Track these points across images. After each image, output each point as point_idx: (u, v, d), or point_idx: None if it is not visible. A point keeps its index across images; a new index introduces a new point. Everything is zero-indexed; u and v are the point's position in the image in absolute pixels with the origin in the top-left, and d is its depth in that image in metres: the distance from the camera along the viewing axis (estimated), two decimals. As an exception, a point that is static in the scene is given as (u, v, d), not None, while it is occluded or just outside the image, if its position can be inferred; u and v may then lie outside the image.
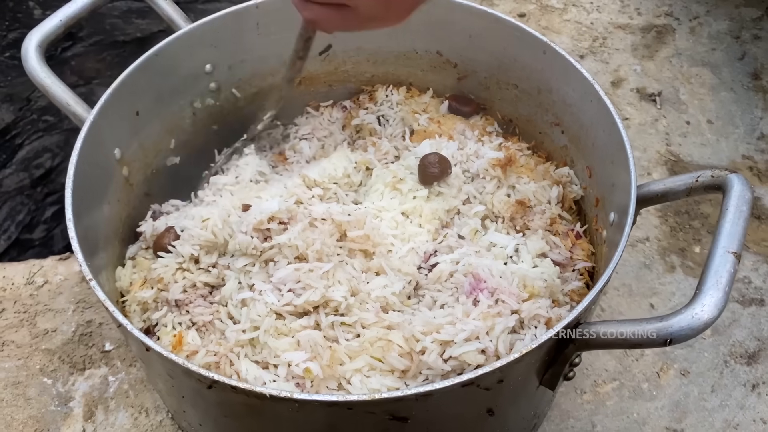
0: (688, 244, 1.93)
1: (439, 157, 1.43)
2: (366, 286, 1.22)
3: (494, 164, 1.46)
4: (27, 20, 2.89)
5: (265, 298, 1.17)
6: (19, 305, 1.79)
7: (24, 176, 2.95)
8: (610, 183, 1.35)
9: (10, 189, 2.88)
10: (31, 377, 1.67)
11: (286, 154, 1.62)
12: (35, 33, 1.34)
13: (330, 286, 1.18)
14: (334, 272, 1.20)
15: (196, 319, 1.22)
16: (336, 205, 1.34)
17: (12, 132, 2.90)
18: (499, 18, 1.53)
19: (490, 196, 1.43)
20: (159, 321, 1.25)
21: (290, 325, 1.16)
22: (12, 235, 2.91)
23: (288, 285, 1.18)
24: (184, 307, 1.24)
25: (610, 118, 1.32)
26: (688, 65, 2.37)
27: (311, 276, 1.18)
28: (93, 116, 1.33)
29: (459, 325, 1.11)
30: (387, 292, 1.20)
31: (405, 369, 1.09)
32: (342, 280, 1.19)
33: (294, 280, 1.18)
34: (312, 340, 1.11)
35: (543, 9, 2.56)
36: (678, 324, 0.95)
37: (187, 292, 1.26)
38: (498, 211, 1.41)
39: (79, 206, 1.22)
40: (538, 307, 1.18)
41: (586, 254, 1.39)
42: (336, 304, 1.17)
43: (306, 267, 1.19)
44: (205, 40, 1.54)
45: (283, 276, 1.18)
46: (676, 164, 2.11)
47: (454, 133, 1.62)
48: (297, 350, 1.11)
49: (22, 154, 2.95)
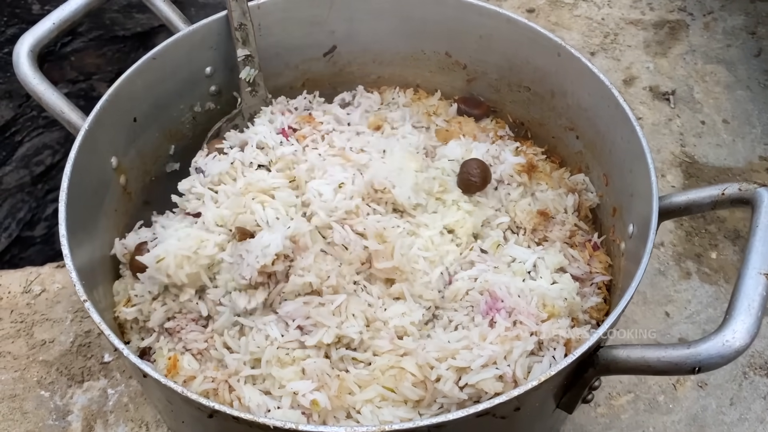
0: (704, 249, 1.87)
1: (481, 166, 1.36)
2: (383, 313, 1.15)
3: (519, 170, 1.40)
4: (25, 15, 2.83)
5: (268, 330, 1.11)
6: (15, 315, 1.74)
7: (24, 173, 2.90)
8: (628, 193, 1.29)
9: (10, 186, 2.84)
10: (28, 390, 1.62)
11: (313, 114, 1.51)
12: (27, 37, 1.28)
13: (343, 322, 1.12)
14: (347, 305, 1.13)
15: (190, 346, 1.16)
16: (360, 222, 1.23)
17: (12, 129, 2.85)
18: (511, 18, 1.46)
19: (513, 204, 1.37)
20: (152, 346, 1.20)
21: (293, 354, 1.10)
22: (13, 233, 2.87)
23: (297, 321, 1.11)
24: (175, 335, 1.18)
25: (629, 125, 1.26)
26: (703, 62, 2.30)
27: (322, 312, 1.11)
28: (88, 124, 1.27)
29: (476, 350, 1.05)
30: (406, 321, 1.13)
31: (419, 399, 1.04)
32: (357, 312, 1.13)
33: (303, 315, 1.11)
34: (319, 369, 1.05)
35: (553, 4, 2.49)
36: (707, 351, 0.90)
37: (176, 318, 1.20)
38: (520, 222, 1.35)
39: (74, 220, 1.17)
40: (558, 328, 1.13)
41: (604, 267, 1.34)
42: (349, 340, 1.11)
43: (316, 300, 1.12)
44: (205, 43, 1.48)
45: (291, 310, 1.11)
46: (690, 166, 2.05)
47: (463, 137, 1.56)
48: (303, 379, 1.05)
49: (23, 151, 2.91)
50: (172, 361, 1.14)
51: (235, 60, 1.53)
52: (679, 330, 1.73)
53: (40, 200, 2.94)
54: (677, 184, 2.00)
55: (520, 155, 1.46)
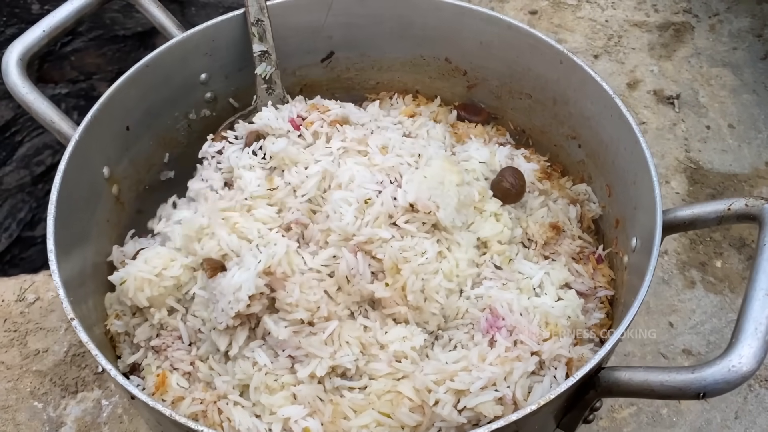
0: (708, 258, 1.84)
1: (518, 174, 1.31)
2: (383, 336, 1.10)
3: (540, 176, 1.37)
4: (25, 15, 2.82)
5: (256, 357, 1.07)
6: (9, 323, 1.72)
7: (25, 173, 2.89)
8: (631, 205, 1.26)
9: (10, 186, 2.82)
10: (21, 401, 1.60)
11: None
12: (16, 45, 1.25)
13: (337, 351, 1.07)
14: (341, 331, 1.09)
15: (177, 366, 1.13)
16: (379, 248, 1.13)
17: (12, 129, 2.84)
18: (512, 25, 1.43)
19: (527, 215, 1.33)
20: (141, 363, 1.17)
21: (282, 380, 1.06)
22: (13, 233, 2.86)
23: (287, 351, 1.07)
24: (162, 352, 1.15)
25: (633, 136, 1.23)
26: (708, 66, 2.27)
27: (313, 342, 1.06)
28: (79, 134, 1.24)
29: (475, 372, 1.02)
30: (406, 346, 1.08)
31: (416, 425, 1.01)
32: (351, 339, 1.08)
33: (293, 346, 1.07)
34: (311, 395, 1.02)
35: (556, 6, 2.45)
36: (713, 376, 0.87)
37: (161, 336, 1.17)
38: (532, 235, 1.31)
39: (63, 233, 1.14)
40: (560, 347, 1.09)
41: (607, 281, 1.30)
42: (344, 369, 1.07)
43: (306, 329, 1.07)
44: (199, 49, 1.45)
45: (279, 342, 1.07)
46: (695, 172, 2.02)
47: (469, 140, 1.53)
48: (294, 404, 1.02)
49: (23, 152, 2.89)
50: (161, 378, 1.11)
51: (230, 67, 1.50)
52: (683, 341, 1.70)
53: (40, 200, 2.92)
54: (681, 190, 1.97)
55: (532, 162, 1.43)
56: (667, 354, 1.68)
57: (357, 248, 1.12)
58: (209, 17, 1.46)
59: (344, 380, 1.07)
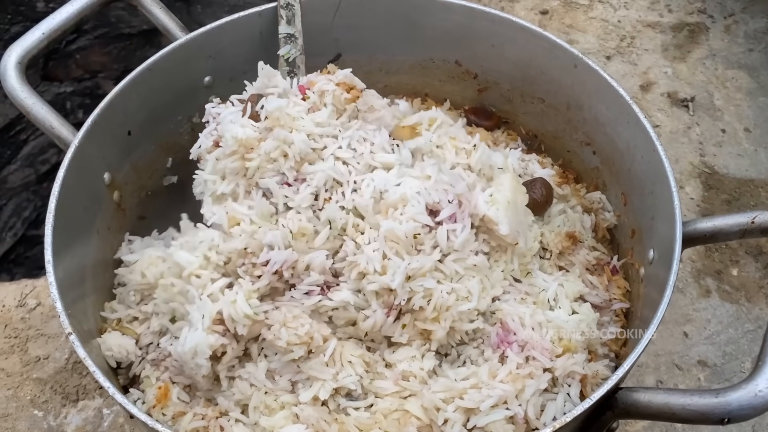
0: (724, 266, 1.79)
1: (546, 185, 1.27)
2: (390, 355, 1.06)
3: (559, 182, 1.33)
4: (30, 13, 2.80)
5: (252, 380, 1.03)
6: (9, 329, 1.69)
7: (29, 172, 2.86)
8: (648, 215, 1.22)
9: (15, 185, 2.80)
10: (21, 409, 1.57)
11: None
12: (15, 48, 1.22)
13: (339, 372, 1.02)
14: (342, 351, 1.04)
15: (176, 379, 1.10)
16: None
17: (16, 128, 2.81)
18: (525, 27, 1.39)
19: (543, 224, 1.29)
20: (141, 374, 1.14)
21: (282, 399, 1.02)
22: (18, 232, 2.83)
23: (285, 377, 1.03)
24: (161, 364, 1.12)
25: (650, 144, 1.19)
26: (723, 67, 2.22)
27: (313, 365, 1.01)
28: (79, 140, 1.21)
29: (485, 390, 0.98)
30: (415, 367, 1.04)
31: (424, 444, 0.97)
32: (353, 359, 1.03)
33: (292, 371, 1.02)
34: (314, 416, 0.98)
35: (567, 5, 2.41)
36: (738, 401, 0.83)
37: (159, 348, 1.14)
38: (547, 244, 1.26)
39: (61, 244, 1.11)
40: (574, 363, 1.05)
41: (623, 293, 1.26)
42: (348, 390, 1.03)
43: (302, 352, 1.01)
44: (203, 52, 1.41)
45: (277, 367, 1.03)
46: (710, 177, 1.97)
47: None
48: (296, 423, 0.98)
49: (27, 150, 2.86)
50: (163, 391, 1.08)
51: (235, 70, 1.46)
52: (698, 351, 1.66)
53: (45, 199, 2.88)
54: (696, 196, 1.93)
55: (547, 168, 1.39)
56: (682, 365, 1.64)
57: (394, 308, 1.04)
58: (215, 15, 1.42)
59: (349, 401, 1.03)
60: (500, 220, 1.10)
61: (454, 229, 1.06)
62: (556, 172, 1.39)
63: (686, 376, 1.63)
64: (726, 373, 1.62)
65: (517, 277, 1.18)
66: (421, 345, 1.07)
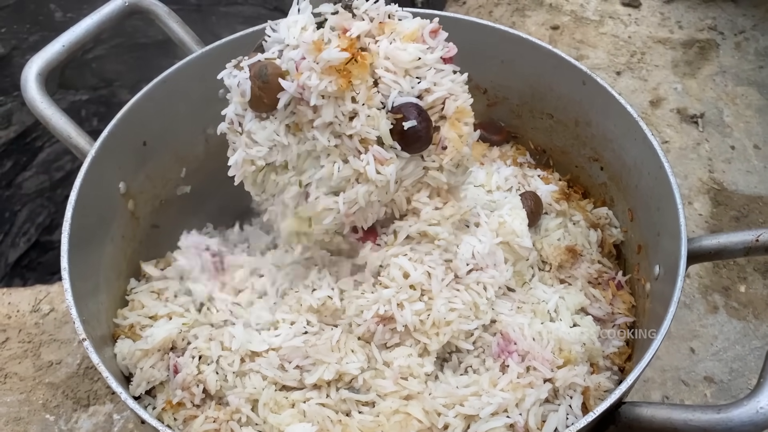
0: (732, 282, 1.79)
1: (535, 199, 1.30)
2: (387, 354, 1.09)
3: (558, 197, 1.35)
4: (48, 23, 2.84)
5: (265, 370, 1.07)
6: (23, 334, 1.72)
7: (44, 179, 2.90)
8: (654, 231, 1.23)
9: (30, 191, 2.84)
10: (33, 413, 1.60)
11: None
12: (36, 60, 1.25)
13: (343, 357, 1.07)
14: (346, 340, 1.09)
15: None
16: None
17: (32, 135, 2.85)
18: (535, 44, 1.41)
19: (542, 237, 1.31)
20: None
21: (292, 396, 1.06)
22: (32, 237, 2.87)
23: (295, 362, 1.07)
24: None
25: (657, 161, 1.20)
26: (734, 84, 2.22)
27: (320, 348, 1.06)
28: (96, 150, 1.24)
29: (485, 397, 1.00)
30: (413, 363, 1.07)
31: (425, 447, 0.99)
32: (356, 348, 1.08)
33: (301, 355, 1.07)
34: (320, 414, 1.00)
35: (578, 21, 2.43)
36: (739, 418, 0.84)
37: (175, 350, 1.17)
38: (547, 257, 1.29)
39: (76, 252, 1.13)
40: (575, 375, 1.07)
41: (627, 307, 1.27)
42: (351, 377, 1.06)
43: (312, 339, 1.07)
44: (218, 65, 1.44)
45: (287, 353, 1.07)
46: (719, 193, 1.97)
47: (485, 161, 1.51)
48: (302, 422, 1.01)
49: (42, 157, 2.91)
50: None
51: (249, 82, 1.49)
52: (705, 368, 1.66)
53: (59, 205, 2.93)
54: (705, 212, 1.93)
55: (551, 183, 1.41)
56: (688, 381, 1.64)
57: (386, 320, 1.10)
58: (230, 26, 1.45)
59: (352, 392, 1.06)
60: (524, 233, 1.16)
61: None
62: (560, 188, 1.40)
63: (692, 392, 1.63)
64: (733, 389, 1.62)
65: (511, 286, 1.20)
66: (416, 344, 1.10)
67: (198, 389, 1.11)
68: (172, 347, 1.19)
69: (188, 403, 1.11)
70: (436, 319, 1.08)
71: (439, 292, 1.09)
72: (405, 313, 1.07)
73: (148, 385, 1.16)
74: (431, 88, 1.04)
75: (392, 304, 1.07)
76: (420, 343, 1.10)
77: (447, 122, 1.07)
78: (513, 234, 1.18)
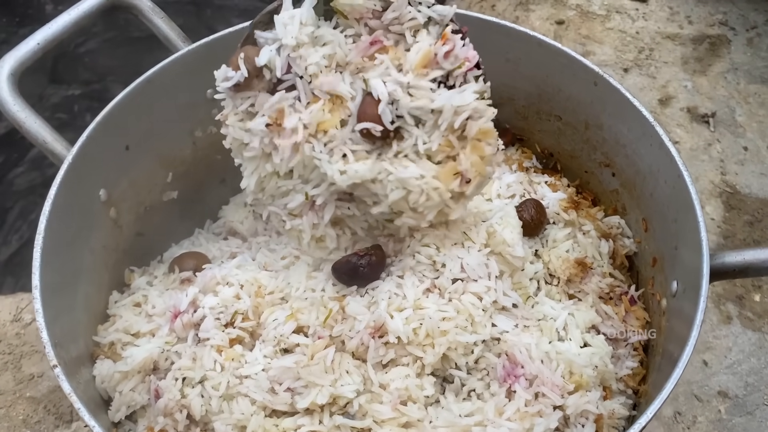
0: (746, 291, 1.72)
1: (538, 207, 1.24)
2: (383, 376, 1.02)
3: (566, 206, 1.27)
4: (38, 15, 2.78)
5: (253, 394, 1.00)
6: (4, 345, 1.64)
7: (36, 175, 2.83)
8: (671, 244, 1.15)
9: (21, 188, 2.76)
10: (13, 429, 1.52)
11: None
12: (8, 59, 1.17)
13: (337, 380, 1.00)
14: (340, 360, 1.01)
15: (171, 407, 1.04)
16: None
17: (23, 131, 2.78)
18: (542, 42, 1.32)
19: (550, 249, 1.23)
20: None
21: (283, 424, 0.99)
22: (24, 235, 2.79)
23: (285, 384, 0.99)
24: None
25: (675, 169, 1.13)
26: (746, 82, 2.14)
27: (313, 370, 0.99)
28: (73, 156, 1.16)
29: (491, 428, 0.93)
30: (411, 385, 1.00)
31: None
32: (351, 368, 1.00)
33: (293, 377, 0.99)
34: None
35: (583, 16, 2.34)
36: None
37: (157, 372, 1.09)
38: (554, 270, 1.21)
39: (51, 267, 1.05)
40: (587, 402, 0.99)
41: (641, 324, 1.20)
42: (346, 401, 0.99)
43: (304, 359, 1.00)
44: (206, 63, 1.35)
45: (277, 374, 1.00)
46: (732, 196, 1.89)
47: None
48: None
49: (34, 153, 2.83)
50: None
51: (239, 82, 1.41)
52: (719, 381, 1.58)
53: (51, 202, 2.87)
54: (717, 216, 1.85)
55: (559, 191, 1.33)
56: (701, 396, 1.56)
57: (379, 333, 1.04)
58: (225, 20, 1.37)
59: (347, 418, 0.99)
60: (515, 242, 1.08)
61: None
62: (569, 196, 1.32)
63: (706, 407, 1.55)
64: (748, 405, 1.55)
65: (515, 302, 1.12)
66: (413, 362, 1.03)
67: (181, 415, 1.03)
68: (154, 368, 1.11)
69: (171, 430, 1.03)
70: (429, 328, 1.01)
71: (426, 299, 1.03)
72: (396, 322, 1.00)
73: (129, 410, 1.09)
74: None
75: (382, 311, 1.02)
76: (417, 361, 1.03)
77: (468, 146, 0.98)
78: (504, 244, 1.10)
